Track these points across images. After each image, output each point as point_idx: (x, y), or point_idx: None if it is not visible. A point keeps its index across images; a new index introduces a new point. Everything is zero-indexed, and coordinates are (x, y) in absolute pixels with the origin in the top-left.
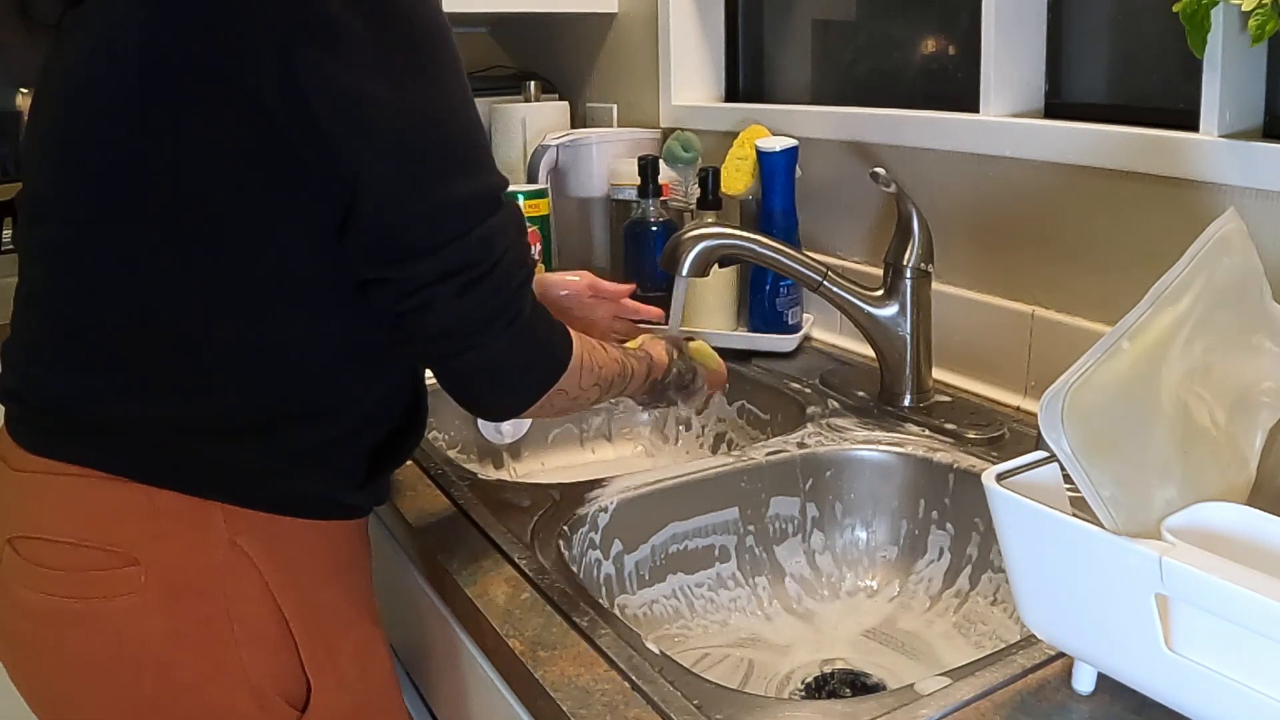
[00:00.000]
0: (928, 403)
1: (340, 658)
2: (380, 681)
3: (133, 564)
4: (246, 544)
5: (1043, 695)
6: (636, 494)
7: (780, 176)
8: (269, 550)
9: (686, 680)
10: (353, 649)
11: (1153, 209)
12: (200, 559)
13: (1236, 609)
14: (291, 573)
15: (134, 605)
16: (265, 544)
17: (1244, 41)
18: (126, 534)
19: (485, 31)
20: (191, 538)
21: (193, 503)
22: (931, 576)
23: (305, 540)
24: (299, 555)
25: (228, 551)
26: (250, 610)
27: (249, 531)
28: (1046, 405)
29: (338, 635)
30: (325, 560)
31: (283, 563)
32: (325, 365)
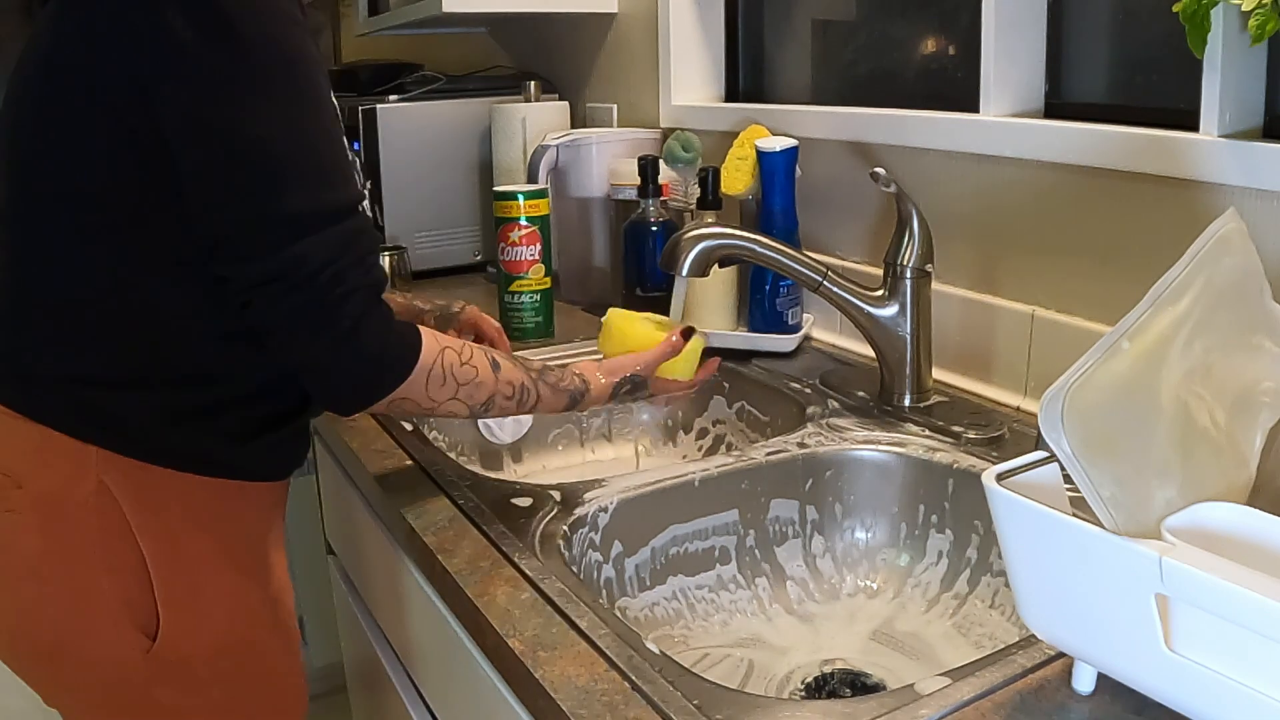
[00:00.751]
0: (927, 403)
1: (201, 598)
2: (253, 629)
3: (17, 486)
4: (113, 483)
5: (1043, 695)
6: (636, 494)
7: (780, 176)
8: (134, 491)
9: (686, 680)
10: (216, 593)
11: (1153, 209)
12: (74, 491)
13: (1236, 609)
14: (155, 515)
15: (15, 521)
16: (131, 486)
17: (1244, 41)
18: (16, 461)
19: (485, 31)
20: (68, 471)
21: (72, 442)
22: (931, 577)
23: (177, 488)
24: (168, 500)
25: (96, 487)
26: (113, 542)
27: (117, 473)
28: (1046, 405)
29: (201, 578)
30: (197, 510)
31: (147, 504)
32: (201, 338)
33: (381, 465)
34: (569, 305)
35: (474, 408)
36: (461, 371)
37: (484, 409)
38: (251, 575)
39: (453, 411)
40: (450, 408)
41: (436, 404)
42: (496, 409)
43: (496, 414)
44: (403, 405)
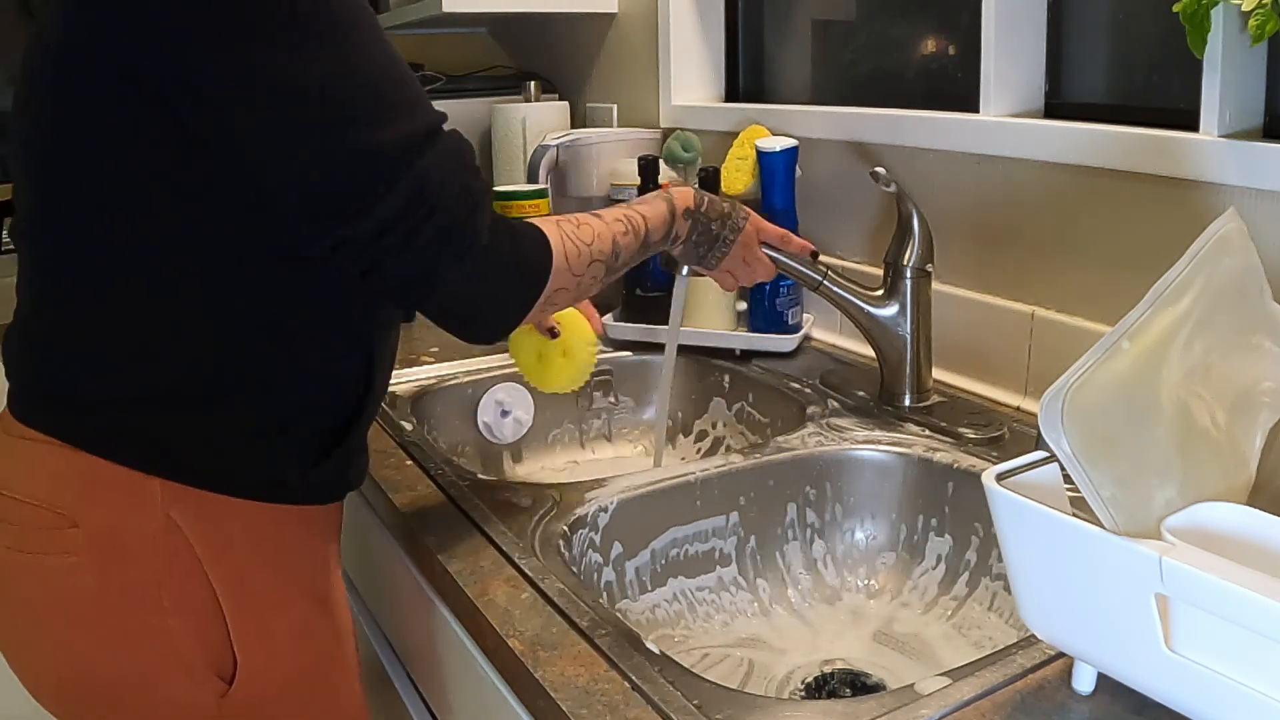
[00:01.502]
0: (927, 403)
1: (273, 636)
2: (320, 664)
3: (73, 526)
4: (180, 517)
5: (1043, 695)
6: (636, 494)
7: (780, 176)
8: (203, 525)
9: (686, 680)
10: (288, 629)
11: (1153, 209)
12: (135, 527)
13: (1236, 609)
14: (225, 549)
15: (70, 564)
16: (199, 519)
17: (1244, 41)
18: (70, 498)
19: (485, 31)
20: (128, 507)
21: (132, 475)
22: (931, 578)
23: (242, 519)
24: (234, 533)
25: (162, 523)
26: (181, 581)
27: (183, 505)
28: (1046, 405)
29: (271, 614)
30: (263, 541)
31: (216, 539)
32: (261, 339)
33: (382, 466)
34: None
35: (609, 261)
36: (581, 232)
37: (614, 257)
38: (318, 607)
39: (595, 276)
40: (592, 273)
41: (582, 277)
42: (624, 251)
43: (625, 259)
44: (555, 298)
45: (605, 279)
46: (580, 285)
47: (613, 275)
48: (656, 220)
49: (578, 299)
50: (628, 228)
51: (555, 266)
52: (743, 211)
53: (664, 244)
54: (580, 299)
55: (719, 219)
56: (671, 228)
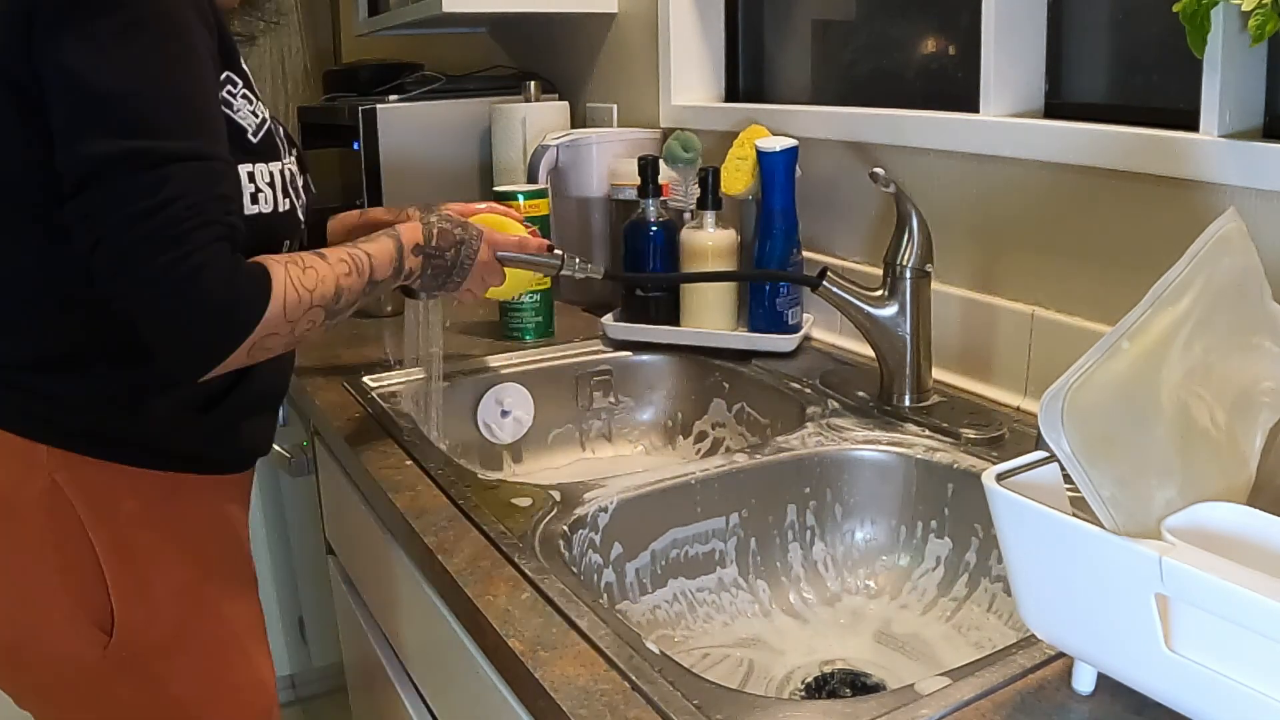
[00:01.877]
0: (927, 403)
1: (151, 594)
2: (208, 624)
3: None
4: (64, 481)
5: (1043, 695)
6: (636, 494)
7: (780, 176)
8: (85, 489)
9: (686, 680)
10: (168, 588)
11: (1153, 209)
12: (25, 491)
13: (1236, 609)
14: (106, 512)
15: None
16: (82, 483)
17: (1244, 41)
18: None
19: (485, 31)
20: (19, 471)
21: (21, 441)
22: (931, 578)
23: (124, 484)
24: (116, 497)
25: (47, 485)
26: (65, 541)
27: (68, 470)
28: (1046, 405)
29: (150, 573)
30: (145, 505)
31: (98, 502)
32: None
33: (381, 465)
34: (569, 305)
35: (329, 306)
36: (306, 277)
37: (336, 300)
38: (208, 570)
39: (312, 320)
40: (309, 318)
41: (296, 323)
42: (345, 293)
43: (347, 301)
44: (267, 343)
45: (324, 323)
46: (294, 332)
47: (333, 319)
48: (383, 259)
49: (290, 345)
50: (351, 268)
51: (270, 313)
52: (474, 231)
53: (395, 281)
54: (293, 345)
55: (453, 248)
56: (401, 265)
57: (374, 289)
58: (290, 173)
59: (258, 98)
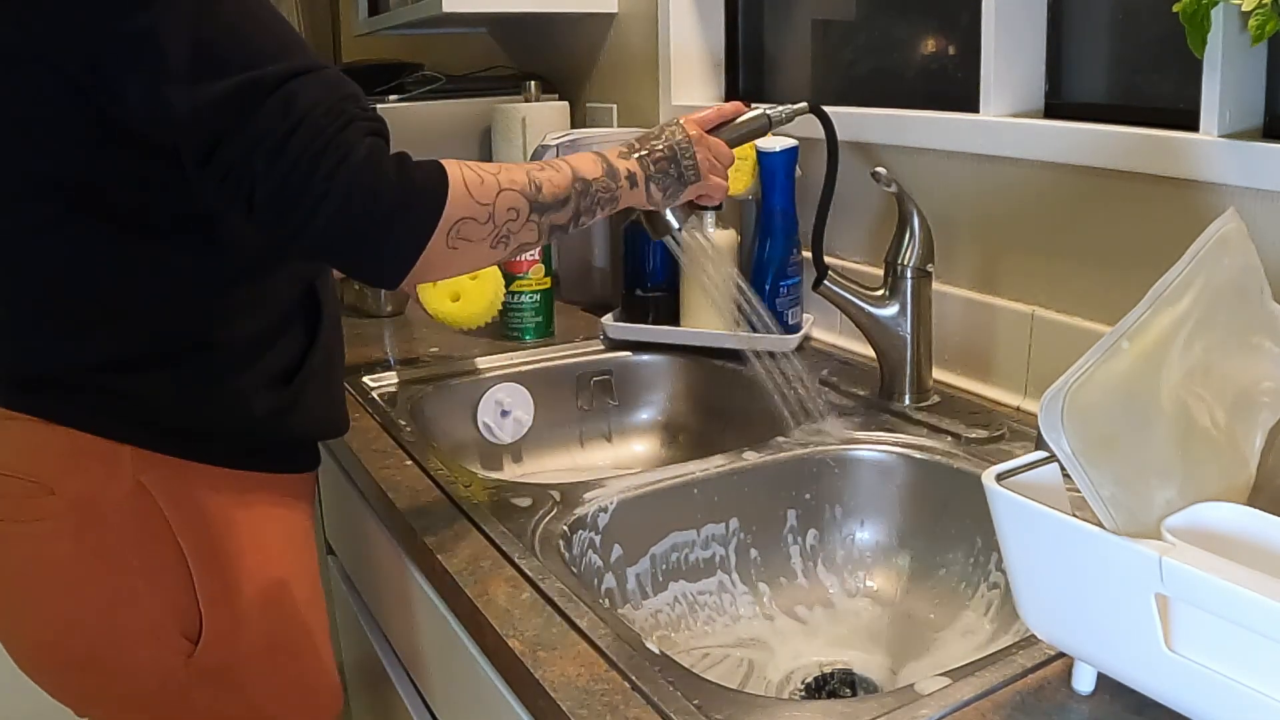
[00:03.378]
0: (928, 403)
1: (238, 601)
2: (287, 632)
3: (50, 493)
4: (150, 482)
5: (1043, 695)
6: (636, 494)
7: (780, 176)
8: (171, 491)
9: (686, 680)
10: (253, 595)
11: (1153, 209)
12: (108, 493)
13: (1236, 609)
14: (193, 514)
15: (47, 530)
16: (168, 484)
17: (1244, 41)
18: (46, 468)
19: (485, 31)
20: (101, 473)
21: (105, 443)
22: (931, 578)
23: (210, 485)
24: (202, 499)
25: (132, 488)
26: (150, 545)
27: (153, 471)
28: (1046, 405)
29: (237, 579)
30: (229, 508)
31: (185, 504)
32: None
33: (381, 465)
34: (569, 305)
35: (526, 192)
36: (485, 166)
37: (534, 188)
38: (288, 574)
39: (513, 209)
40: (506, 204)
41: (491, 207)
42: (546, 184)
43: (549, 193)
44: (466, 231)
45: (534, 219)
46: (495, 219)
47: (548, 216)
48: (582, 161)
49: (499, 240)
50: (543, 166)
51: (453, 192)
52: (669, 121)
53: (614, 184)
54: (505, 240)
55: (657, 138)
56: (612, 166)
57: (589, 190)
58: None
59: None
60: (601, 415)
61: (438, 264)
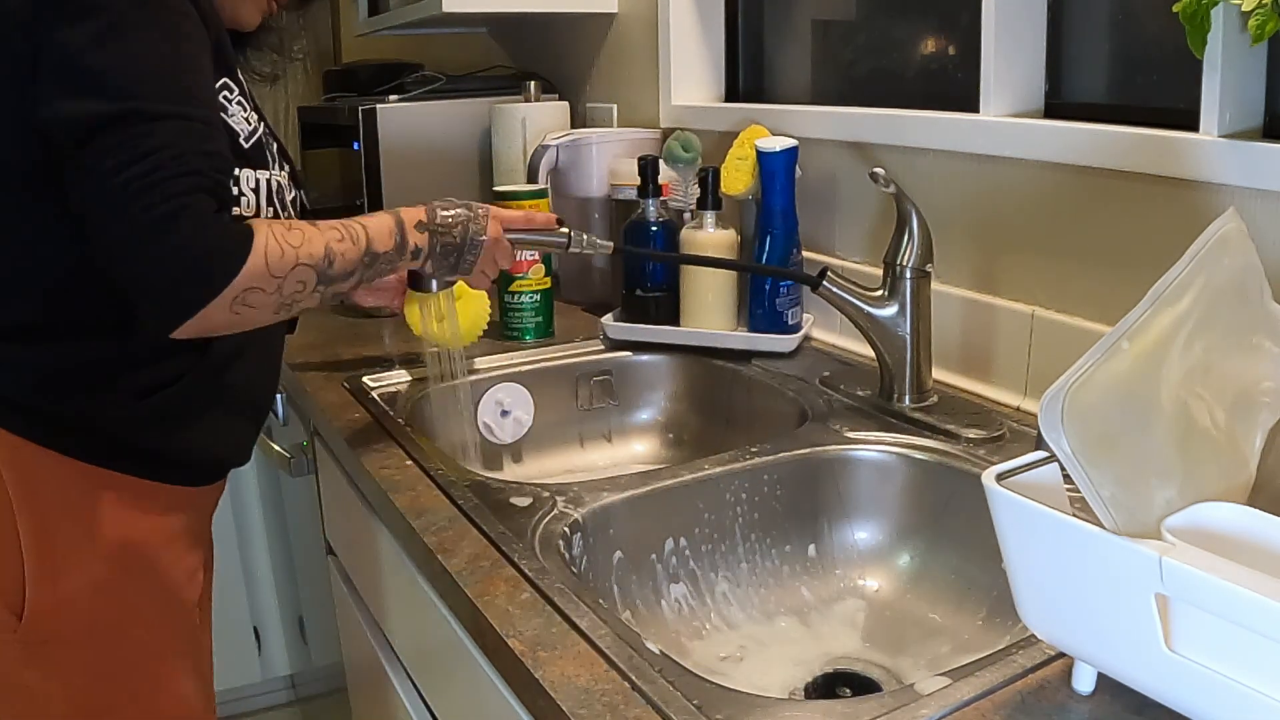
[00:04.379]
0: (927, 403)
1: (63, 585)
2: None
3: None
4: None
5: (1043, 695)
6: (636, 494)
7: (780, 176)
8: (22, 470)
9: (686, 680)
10: (87, 585)
11: (1153, 209)
12: None
13: (1236, 609)
14: (33, 496)
15: None
16: (20, 464)
17: (1244, 41)
18: None
19: (485, 31)
20: None
21: None
22: (931, 578)
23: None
24: (52, 485)
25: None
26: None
27: (8, 449)
28: (1046, 405)
29: (71, 566)
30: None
31: (29, 484)
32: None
33: (381, 465)
34: (569, 305)
35: (319, 267)
36: (291, 236)
37: (327, 263)
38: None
39: (301, 281)
40: (298, 278)
41: (283, 280)
42: (339, 259)
43: (340, 267)
44: (251, 299)
45: (318, 290)
46: (282, 291)
47: (328, 285)
48: (380, 230)
49: (282, 307)
50: (344, 235)
51: (252, 264)
52: (479, 209)
53: (400, 258)
54: (288, 307)
55: (459, 224)
56: (404, 240)
57: (376, 263)
58: (277, 184)
59: (254, 108)
60: (601, 415)
61: (218, 324)
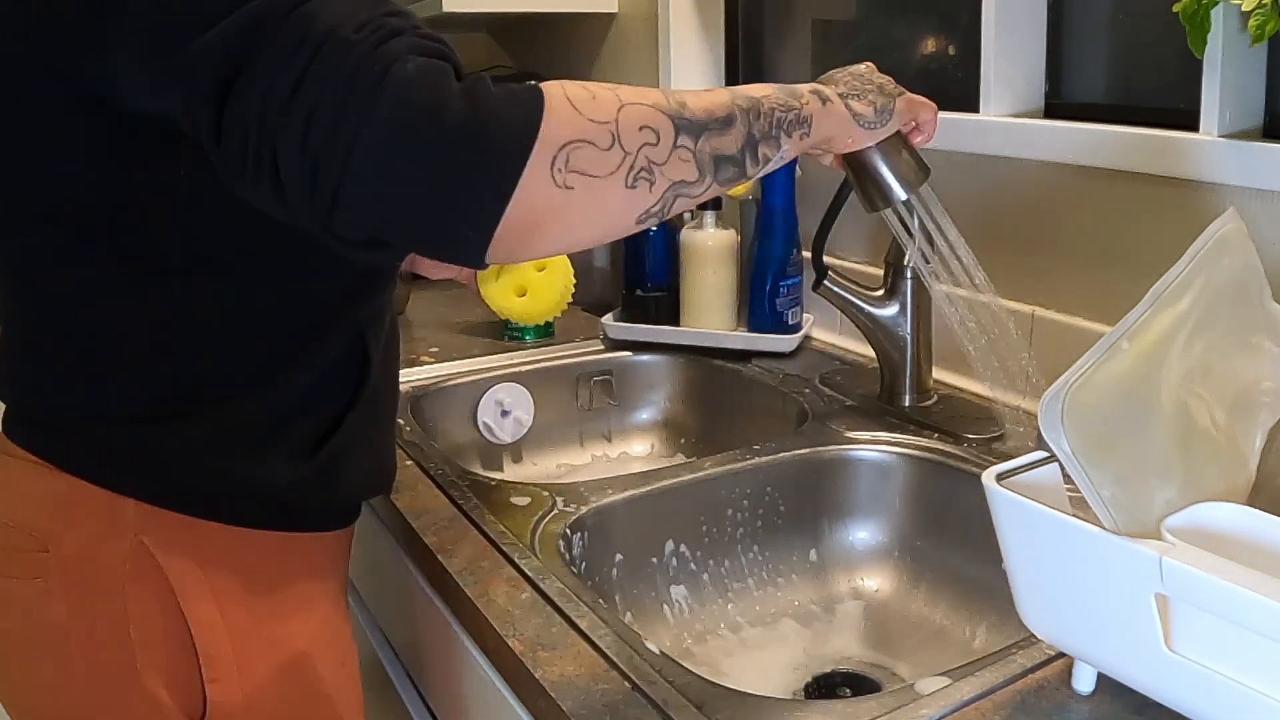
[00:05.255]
0: (928, 403)
1: (250, 676)
2: (306, 707)
3: (44, 549)
4: (153, 543)
5: (1043, 695)
6: (636, 494)
7: (780, 176)
8: (177, 551)
9: (686, 680)
10: (269, 669)
11: (1153, 209)
12: (106, 553)
13: (1236, 609)
14: (201, 579)
15: (40, 589)
16: (174, 545)
17: (1244, 41)
18: (44, 520)
19: (485, 32)
20: (100, 530)
21: (108, 496)
22: (931, 577)
23: (223, 546)
24: (213, 562)
25: (132, 548)
26: (150, 612)
27: (159, 530)
28: (1046, 405)
29: (252, 652)
30: (245, 572)
31: (191, 567)
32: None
33: None
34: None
35: (665, 108)
36: (597, 84)
37: (675, 105)
38: (308, 647)
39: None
40: (637, 121)
41: (613, 125)
42: (691, 101)
43: (701, 110)
44: (576, 159)
45: (686, 143)
46: (621, 142)
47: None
48: (743, 88)
49: (639, 175)
50: (690, 91)
51: (552, 107)
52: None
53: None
54: (646, 176)
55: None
56: (792, 90)
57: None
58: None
59: None
60: (601, 415)
61: (546, 213)
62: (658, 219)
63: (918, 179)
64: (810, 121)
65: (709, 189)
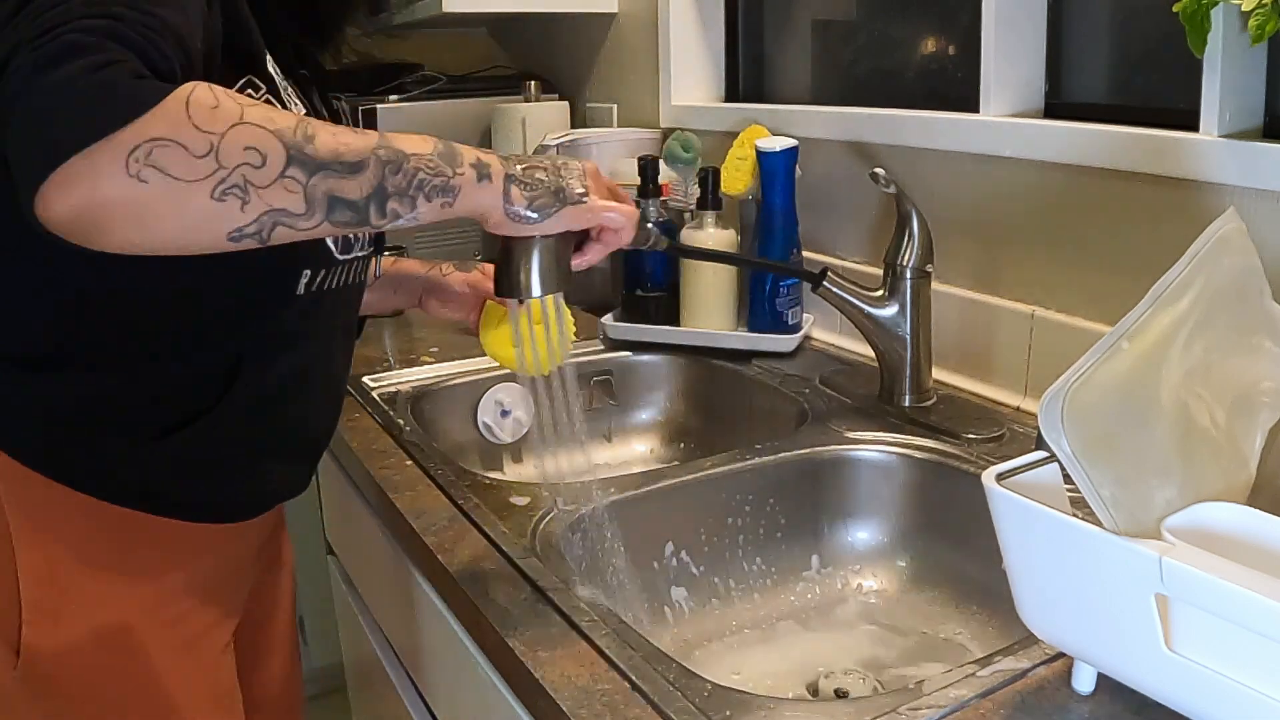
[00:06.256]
0: (927, 403)
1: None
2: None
3: None
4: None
5: (1043, 695)
6: (636, 495)
7: (780, 176)
8: (28, 506)
9: (686, 680)
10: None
11: (1153, 209)
12: None
13: (1236, 609)
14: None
15: None
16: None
17: (1244, 41)
18: None
19: (485, 31)
20: None
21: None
22: (931, 577)
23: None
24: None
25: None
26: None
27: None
28: (1046, 405)
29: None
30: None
31: (36, 519)
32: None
33: (382, 465)
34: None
35: (286, 138)
36: (247, 99)
37: (300, 136)
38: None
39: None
40: (246, 141)
41: (216, 137)
42: (323, 137)
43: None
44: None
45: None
46: (219, 155)
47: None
48: (410, 139)
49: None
50: (341, 130)
51: (166, 107)
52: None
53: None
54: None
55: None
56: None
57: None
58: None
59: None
60: (601, 415)
61: (111, 193)
62: (255, 241)
63: (548, 287)
64: (457, 192)
65: (319, 227)
